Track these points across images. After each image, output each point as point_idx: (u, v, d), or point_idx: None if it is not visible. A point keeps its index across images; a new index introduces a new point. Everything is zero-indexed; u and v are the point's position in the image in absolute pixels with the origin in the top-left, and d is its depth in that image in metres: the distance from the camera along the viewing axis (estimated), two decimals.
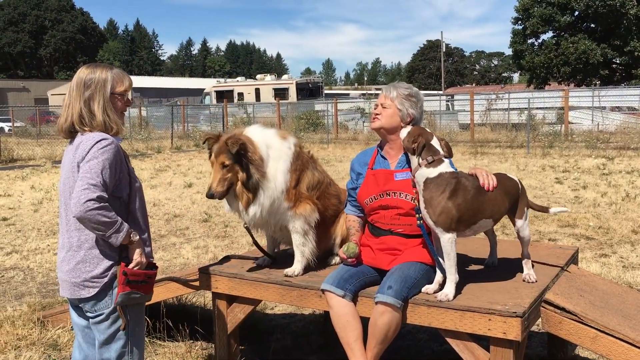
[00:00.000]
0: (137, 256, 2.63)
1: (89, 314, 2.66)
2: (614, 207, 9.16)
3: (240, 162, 3.24)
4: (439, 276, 3.06)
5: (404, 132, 3.15)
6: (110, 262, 2.60)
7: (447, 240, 2.92)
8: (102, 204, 2.45)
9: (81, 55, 78.02)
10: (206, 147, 3.36)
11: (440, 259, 3.04)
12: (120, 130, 2.69)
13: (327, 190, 3.62)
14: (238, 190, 3.29)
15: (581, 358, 3.97)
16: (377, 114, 3.32)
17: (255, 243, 3.70)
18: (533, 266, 3.33)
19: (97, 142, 2.53)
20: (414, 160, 3.04)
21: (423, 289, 3.05)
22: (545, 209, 3.45)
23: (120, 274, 2.57)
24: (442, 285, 3.02)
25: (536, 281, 3.19)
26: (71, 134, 2.66)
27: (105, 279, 2.59)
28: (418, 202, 3.05)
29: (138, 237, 2.62)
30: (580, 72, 39.17)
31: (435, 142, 3.04)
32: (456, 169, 3.26)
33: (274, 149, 3.38)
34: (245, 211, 3.32)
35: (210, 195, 3.23)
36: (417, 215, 3.08)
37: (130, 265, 2.61)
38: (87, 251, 2.59)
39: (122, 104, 2.72)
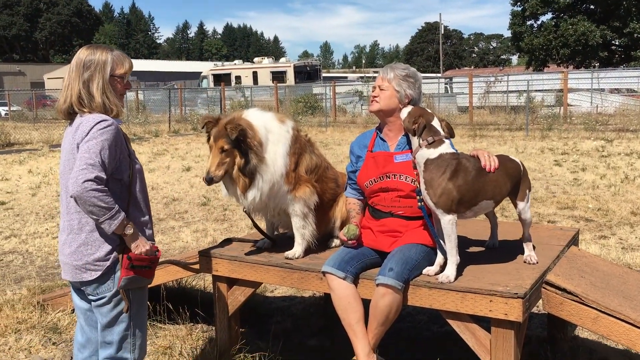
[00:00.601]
0: (136, 249, 2.59)
1: (91, 297, 2.65)
2: (613, 189, 9.16)
3: (239, 146, 3.21)
4: (439, 258, 3.05)
5: (404, 113, 3.11)
6: (112, 245, 2.58)
7: (448, 221, 2.91)
8: (100, 185, 2.43)
9: (77, 39, 77.48)
10: (205, 131, 3.33)
11: (441, 240, 3.03)
12: (120, 113, 2.66)
13: (324, 174, 3.60)
14: (235, 175, 3.26)
15: (581, 339, 3.99)
16: (375, 97, 3.29)
17: (256, 226, 3.69)
18: (534, 248, 3.33)
19: (97, 123, 2.50)
20: (415, 140, 3.02)
21: (424, 271, 3.05)
22: None
23: (125, 258, 2.55)
24: (443, 267, 3.01)
25: (537, 262, 3.19)
26: (70, 115, 2.63)
27: (108, 262, 2.57)
28: (419, 183, 3.03)
29: (133, 230, 2.58)
30: (580, 54, 39.00)
31: (436, 123, 3.02)
32: (457, 151, 3.24)
33: (272, 132, 3.35)
34: (244, 196, 3.30)
35: (208, 179, 3.20)
36: (417, 197, 3.06)
37: (135, 252, 2.60)
38: (88, 234, 2.57)
39: (121, 87, 2.68)
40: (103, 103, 2.58)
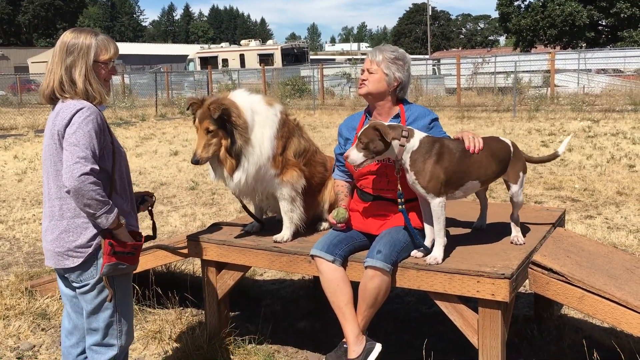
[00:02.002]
0: (125, 238, 2.59)
1: (74, 284, 2.63)
2: (599, 169, 9.24)
3: (225, 127, 3.19)
4: (428, 240, 3.07)
5: (355, 157, 2.92)
6: (94, 232, 2.55)
7: (438, 204, 2.92)
8: (95, 178, 2.41)
9: (60, 22, 76.33)
10: (190, 112, 3.30)
11: (427, 224, 3.06)
12: (103, 100, 2.59)
13: (313, 158, 3.59)
14: (222, 156, 3.24)
15: (567, 317, 4.04)
16: (363, 80, 3.27)
17: (245, 207, 3.68)
18: (529, 230, 3.35)
19: (77, 110, 2.45)
20: (394, 147, 2.92)
21: (412, 253, 3.06)
22: (555, 156, 3.49)
23: (106, 244, 2.52)
24: (430, 249, 3.03)
25: (524, 243, 3.22)
26: (52, 100, 2.59)
27: (90, 249, 2.55)
28: (400, 186, 3.02)
29: (125, 221, 2.58)
30: (567, 35, 39.08)
31: (377, 124, 2.95)
32: (445, 133, 3.25)
33: (259, 114, 3.32)
34: (230, 177, 3.28)
35: (195, 162, 3.19)
36: (399, 201, 3.04)
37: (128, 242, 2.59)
38: (69, 220, 2.54)
39: (106, 72, 2.62)
40: (85, 90, 2.53)
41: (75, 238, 2.54)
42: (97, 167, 2.42)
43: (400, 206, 3.03)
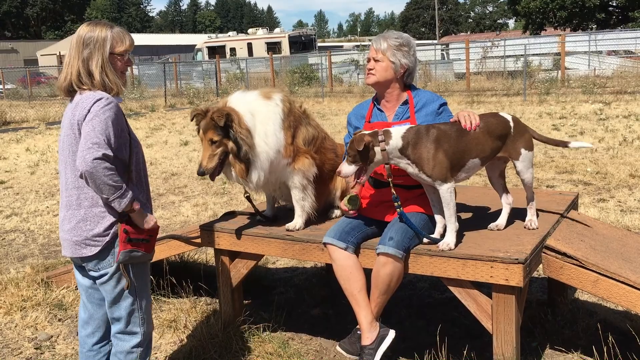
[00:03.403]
0: (146, 225, 2.62)
1: (93, 274, 2.66)
2: (611, 152, 9.17)
3: (229, 134, 3.20)
4: (439, 226, 3.07)
5: (347, 171, 2.93)
6: (112, 221, 2.58)
7: (446, 190, 2.91)
8: (108, 163, 2.43)
9: (68, 14, 76.51)
10: (195, 124, 3.30)
11: (435, 212, 3.05)
12: (120, 91, 2.63)
13: (323, 145, 3.59)
14: (231, 161, 3.27)
15: (581, 301, 4.03)
16: (370, 69, 3.25)
17: (256, 210, 3.68)
18: (538, 215, 3.32)
19: (96, 100, 2.49)
20: (377, 153, 2.91)
21: (424, 241, 3.06)
22: (563, 143, 3.37)
23: (121, 231, 2.56)
24: (443, 235, 3.02)
25: (537, 228, 3.20)
26: (70, 92, 2.61)
27: (107, 238, 2.58)
28: (393, 190, 3.01)
29: (139, 206, 2.60)
30: (577, 16, 38.61)
31: (354, 136, 2.95)
32: (452, 115, 3.22)
33: (259, 113, 3.31)
34: (246, 180, 3.30)
35: (201, 173, 3.20)
36: (396, 204, 3.03)
37: (146, 227, 2.61)
38: (87, 209, 2.57)
39: (122, 64, 2.65)
40: (103, 81, 2.56)
41: (92, 227, 2.56)
42: (110, 153, 2.44)
43: (398, 209, 3.03)
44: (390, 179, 3.01)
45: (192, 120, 3.29)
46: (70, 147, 2.56)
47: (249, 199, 3.67)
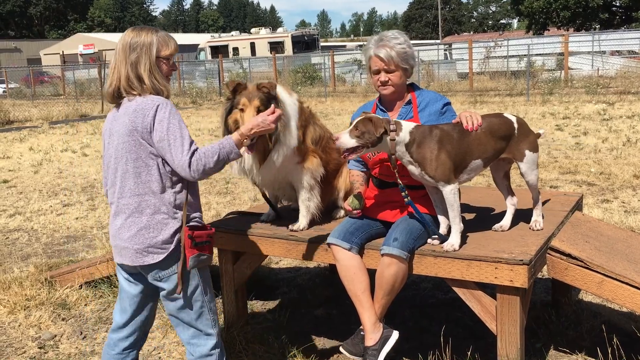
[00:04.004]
0: (271, 119, 2.63)
1: (157, 283, 2.58)
2: (615, 153, 9.15)
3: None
4: (442, 227, 3.06)
5: (345, 142, 2.87)
6: (175, 227, 2.53)
7: (450, 191, 2.90)
8: (198, 153, 2.46)
9: (72, 13, 76.62)
10: (227, 95, 3.23)
11: (438, 213, 3.04)
12: (169, 94, 2.62)
13: (328, 145, 3.58)
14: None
15: (585, 302, 4.02)
16: (385, 82, 3.20)
17: (264, 196, 3.67)
18: (543, 217, 3.31)
19: (157, 106, 2.47)
20: (385, 143, 2.89)
21: (428, 241, 3.06)
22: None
23: (186, 237, 2.52)
24: (447, 235, 3.02)
25: (542, 229, 3.19)
26: (116, 99, 2.59)
27: (172, 245, 2.52)
28: (399, 179, 2.98)
29: (237, 135, 2.60)
30: (580, 16, 38.53)
31: (371, 116, 2.92)
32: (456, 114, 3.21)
33: (287, 103, 3.31)
34: (266, 160, 3.23)
35: (251, 146, 3.03)
36: (403, 193, 3.01)
37: (246, 129, 2.61)
38: (149, 217, 2.51)
39: (167, 68, 2.62)
40: (152, 85, 2.54)
41: (156, 234, 2.51)
42: (195, 146, 2.49)
43: (405, 199, 3.02)
44: (395, 170, 2.98)
45: (232, 90, 3.18)
46: (128, 155, 2.50)
47: (264, 196, 3.65)
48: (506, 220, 3.26)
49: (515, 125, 3.10)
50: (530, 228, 3.21)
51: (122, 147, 2.53)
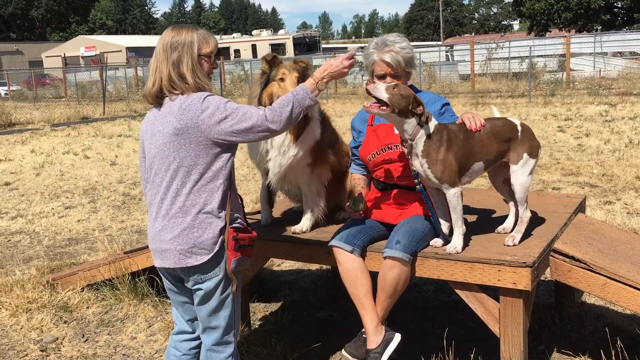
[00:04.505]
0: (345, 62, 2.65)
1: (194, 284, 2.53)
2: (617, 154, 9.13)
3: None
4: (444, 228, 3.05)
5: (381, 92, 2.78)
6: (220, 226, 2.50)
7: (454, 194, 2.88)
8: (272, 107, 2.48)
9: (73, 15, 76.76)
10: (266, 68, 3.26)
11: (439, 212, 3.03)
12: (211, 92, 2.58)
13: (340, 149, 3.58)
14: None
15: (588, 304, 4.01)
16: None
17: (263, 196, 3.67)
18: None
19: (205, 96, 2.47)
20: (409, 123, 2.83)
21: (431, 242, 3.05)
22: None
23: (230, 239, 2.49)
24: (449, 236, 3.00)
25: (515, 245, 2.99)
26: (158, 99, 2.56)
27: (217, 247, 2.48)
28: (411, 166, 2.94)
29: (312, 78, 2.61)
30: (582, 18, 38.55)
31: (412, 91, 2.89)
32: (457, 117, 3.20)
33: None
34: (288, 147, 3.22)
35: None
36: (415, 180, 2.98)
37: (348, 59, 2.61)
38: (194, 216, 2.47)
39: (208, 66, 2.61)
40: (195, 83, 2.52)
41: (200, 233, 2.47)
42: (261, 110, 2.48)
43: (417, 186, 2.98)
44: (409, 158, 2.92)
45: (269, 62, 3.22)
46: (177, 153, 2.46)
47: (264, 195, 3.64)
48: (509, 222, 3.25)
49: (519, 129, 3.05)
50: (504, 243, 3.00)
51: (168, 147, 2.49)
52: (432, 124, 2.88)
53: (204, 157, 2.47)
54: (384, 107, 2.78)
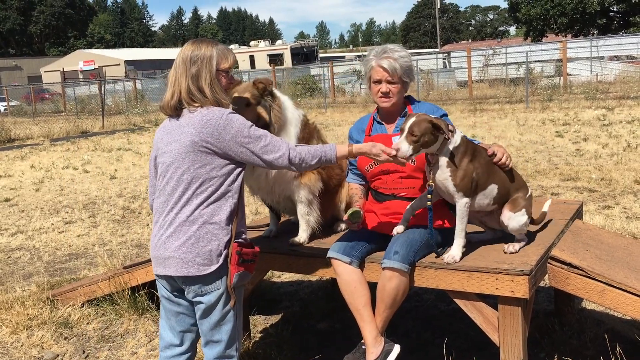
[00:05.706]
0: (374, 150, 2.75)
1: (197, 298, 2.54)
2: (615, 158, 9.14)
3: (263, 104, 3.19)
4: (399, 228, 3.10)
5: (405, 150, 2.80)
6: (225, 238, 2.51)
7: (464, 204, 2.92)
8: (300, 150, 2.58)
9: (71, 30, 77.08)
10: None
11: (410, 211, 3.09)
12: (227, 107, 2.62)
13: None
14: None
15: (588, 311, 4.01)
16: (386, 93, 3.20)
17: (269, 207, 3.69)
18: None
19: (229, 114, 2.52)
20: (439, 142, 2.88)
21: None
22: None
23: (234, 254, 2.50)
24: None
25: (515, 252, 3.04)
26: (176, 110, 2.59)
27: (220, 259, 2.50)
28: (432, 181, 2.96)
29: (347, 150, 2.72)
30: (578, 23, 38.69)
31: (426, 117, 2.94)
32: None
33: (289, 110, 3.34)
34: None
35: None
36: (429, 196, 2.96)
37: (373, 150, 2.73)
38: (200, 226, 2.49)
39: (226, 81, 2.64)
40: (213, 97, 2.55)
41: (205, 243, 2.49)
42: (290, 150, 2.58)
43: (429, 202, 2.97)
44: (429, 170, 2.98)
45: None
46: (193, 164, 2.49)
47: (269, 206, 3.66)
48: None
49: (529, 192, 3.15)
50: (504, 250, 3.04)
51: (184, 157, 2.51)
52: (458, 135, 2.95)
53: (218, 171, 2.51)
54: (416, 153, 2.88)
